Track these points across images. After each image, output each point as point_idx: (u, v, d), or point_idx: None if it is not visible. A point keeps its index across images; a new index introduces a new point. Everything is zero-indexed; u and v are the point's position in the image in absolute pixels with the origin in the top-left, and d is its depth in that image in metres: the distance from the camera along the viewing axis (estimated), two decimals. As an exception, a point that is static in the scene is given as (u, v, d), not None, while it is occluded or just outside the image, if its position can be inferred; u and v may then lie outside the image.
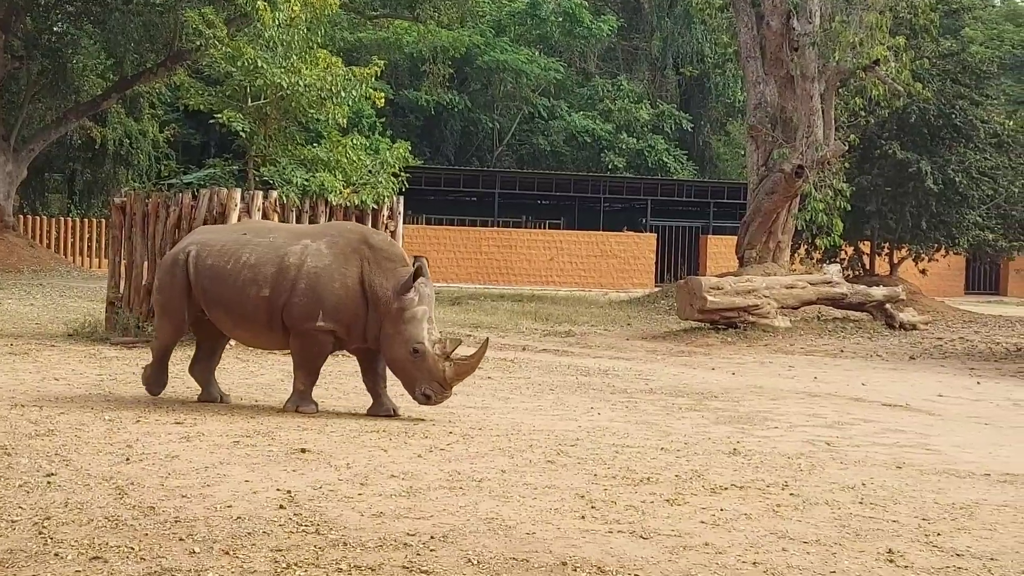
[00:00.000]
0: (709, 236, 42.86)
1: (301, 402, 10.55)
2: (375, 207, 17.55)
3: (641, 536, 6.46)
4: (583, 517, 6.81)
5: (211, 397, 11.08)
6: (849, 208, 28.30)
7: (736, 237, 28.18)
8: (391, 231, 18.21)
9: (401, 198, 18.27)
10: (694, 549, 6.25)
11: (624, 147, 47.66)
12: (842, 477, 8.41)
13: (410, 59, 44.34)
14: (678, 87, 53.44)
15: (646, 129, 48.63)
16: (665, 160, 48.19)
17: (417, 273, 10.24)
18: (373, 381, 10.64)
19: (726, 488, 7.79)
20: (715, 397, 13.27)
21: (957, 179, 29.91)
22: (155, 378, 11.20)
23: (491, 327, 21.99)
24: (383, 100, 19.15)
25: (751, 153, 27.52)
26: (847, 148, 27.55)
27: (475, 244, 40.74)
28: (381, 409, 10.52)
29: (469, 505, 6.99)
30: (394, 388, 10.67)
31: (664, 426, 10.78)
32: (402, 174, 18.32)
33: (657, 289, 35.82)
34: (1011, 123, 31.85)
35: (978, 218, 30.88)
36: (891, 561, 6.19)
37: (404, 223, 18.57)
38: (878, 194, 30.37)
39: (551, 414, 10.58)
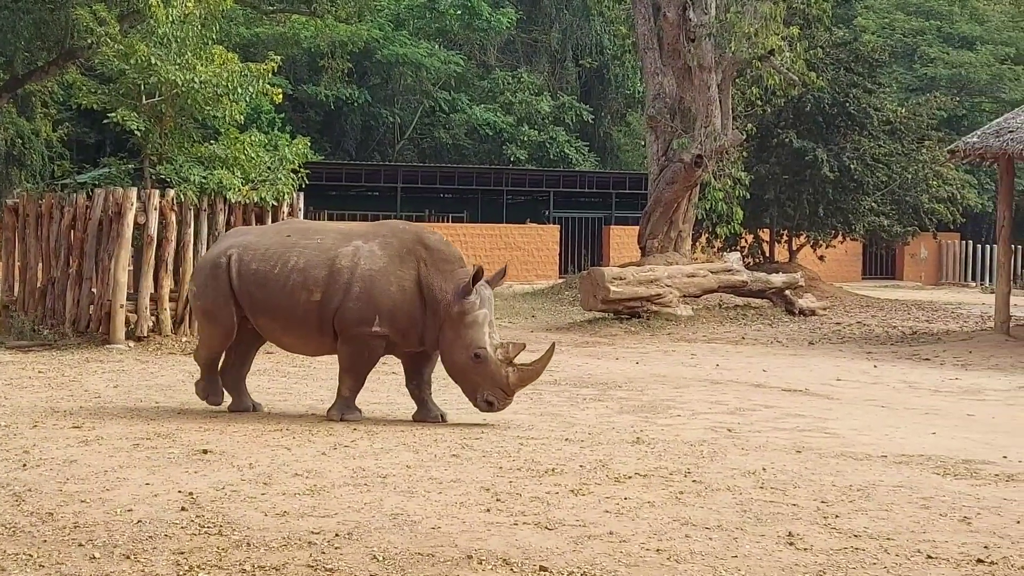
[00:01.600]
0: (612, 227, 43.10)
1: (346, 410, 10.21)
2: (275, 204, 17.42)
3: (546, 527, 6.49)
4: (488, 510, 6.83)
5: (243, 406, 10.66)
6: (748, 196, 28.67)
7: (638, 227, 28.36)
8: (292, 228, 18.07)
9: (301, 194, 18.15)
10: (598, 538, 6.29)
11: (526, 139, 47.73)
12: (743, 463, 8.52)
13: (308, 54, 43.93)
14: (578, 79, 53.63)
15: (547, 121, 48.74)
16: (567, 152, 48.35)
17: (478, 275, 9.93)
18: (419, 386, 10.37)
19: (630, 477, 7.86)
20: (619, 387, 13.38)
21: (852, 166, 30.41)
22: (211, 387, 10.72)
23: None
24: (281, 96, 19.00)
25: (651, 143, 27.71)
26: (745, 137, 27.87)
27: (378, 239, 40.58)
28: (429, 415, 10.25)
29: (374, 501, 6.97)
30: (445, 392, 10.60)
31: (568, 417, 10.85)
32: (302, 170, 18.20)
33: (561, 281, 35.96)
34: (903, 110, 32.45)
35: (873, 204, 31.42)
36: (791, 544, 6.29)
37: (305, 219, 18.44)
38: (776, 182, 30.78)
39: (455, 408, 10.58)
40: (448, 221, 44.15)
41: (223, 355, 10.78)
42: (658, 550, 6.11)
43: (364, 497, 7.08)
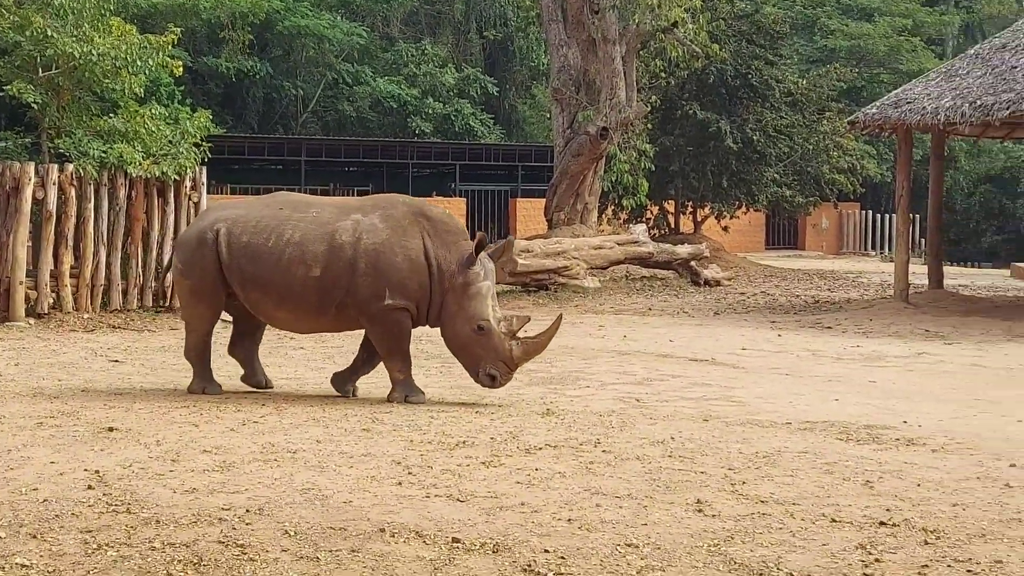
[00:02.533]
0: (518, 199, 43.15)
1: (408, 391, 9.94)
2: (177, 178, 17.19)
3: (458, 499, 6.50)
4: (400, 483, 6.83)
5: (256, 381, 10.46)
6: (653, 168, 28.87)
7: (544, 200, 28.44)
8: (194, 202, 17.88)
9: (204, 168, 17.94)
10: (510, 509, 6.32)
11: (431, 112, 47.57)
12: (652, 432, 8.61)
13: (208, 25, 43.29)
14: (482, 51, 53.55)
15: (452, 94, 48.60)
16: (472, 124, 48.27)
17: (480, 245, 9.74)
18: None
19: (540, 448, 7.90)
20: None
21: (755, 138, 30.75)
22: (207, 377, 10.40)
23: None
24: (181, 68, 18.73)
25: (556, 116, 27.77)
26: (649, 109, 28.05)
27: (283, 213, 40.26)
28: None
29: (284, 477, 6.93)
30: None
31: (478, 389, 10.85)
32: (204, 144, 17.98)
33: (468, 253, 35.94)
34: (804, 82, 32.88)
35: (776, 175, 31.82)
36: (700, 511, 6.37)
37: (208, 193, 18.25)
38: (681, 154, 31.03)
39: (366, 381, 10.55)
40: (354, 194, 43.87)
41: (232, 330, 10.57)
42: (569, 519, 6.15)
43: (274, 473, 7.04)
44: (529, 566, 5.42)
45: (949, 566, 5.49)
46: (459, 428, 8.63)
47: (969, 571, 5.43)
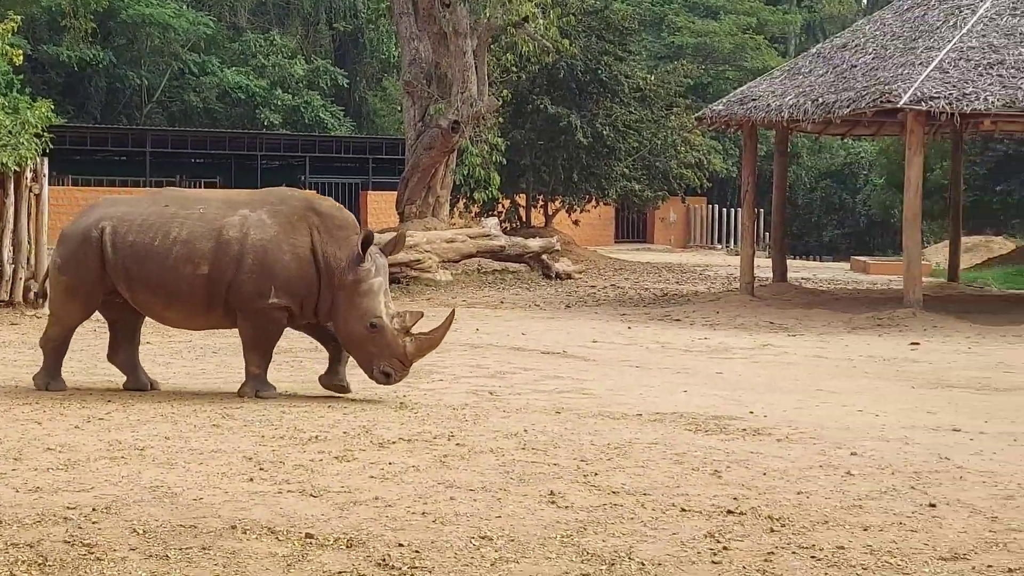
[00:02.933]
0: (369, 192, 42.93)
1: (260, 386, 9.76)
2: (17, 169, 16.71)
3: (311, 494, 6.45)
4: (251, 479, 6.75)
5: (140, 384, 10.09)
6: (505, 162, 28.98)
7: (396, 193, 28.34)
8: (36, 194, 17.42)
9: (45, 159, 17.47)
10: (364, 504, 6.30)
11: (280, 103, 47.05)
12: (505, 425, 8.65)
13: (48, 13, 42.17)
14: (332, 43, 53.14)
15: (301, 85, 48.14)
16: (322, 116, 47.88)
17: (367, 241, 9.53)
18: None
19: (394, 442, 7.88)
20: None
21: (605, 132, 31.07)
22: (54, 372, 10.07)
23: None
24: (21, 57, 18.20)
25: (408, 109, 27.68)
26: (501, 103, 28.14)
27: (128, 205, 39.46)
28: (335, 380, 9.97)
29: (132, 474, 6.80)
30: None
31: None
32: (45, 134, 17.50)
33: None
34: (652, 78, 33.34)
35: (625, 169, 32.20)
36: (553, 502, 6.43)
37: (50, 185, 17.79)
38: (532, 148, 31.21)
39: (214, 377, 10.41)
40: (201, 186, 43.16)
41: (110, 336, 10.28)
42: (424, 513, 6.15)
43: (121, 470, 6.89)
44: (384, 560, 5.41)
45: (794, 552, 5.63)
46: (311, 423, 8.56)
47: (813, 557, 5.57)
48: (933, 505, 6.51)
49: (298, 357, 12.58)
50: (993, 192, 33.27)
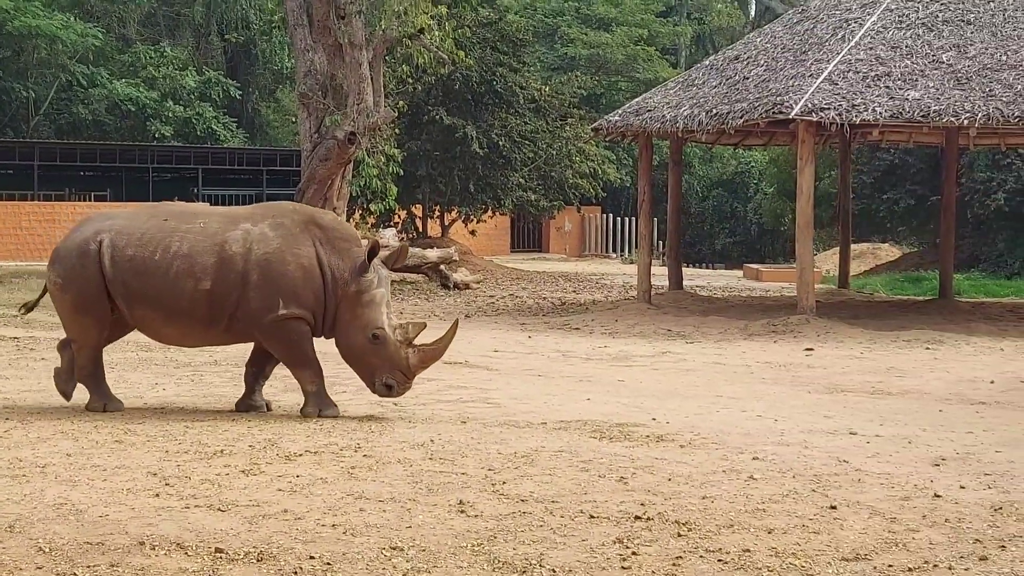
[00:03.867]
0: (263, 204, 42.58)
1: (322, 404, 9.57)
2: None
3: (219, 509, 6.41)
4: (158, 495, 6.68)
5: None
6: (401, 173, 28.95)
7: (292, 205, 28.12)
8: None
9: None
10: (273, 517, 6.27)
11: (171, 115, 46.44)
12: (412, 435, 8.66)
13: (-68, 24, 41.27)
14: (224, 54, 52.63)
15: (193, 97, 47.59)
16: (214, 128, 47.37)
17: (373, 251, 9.40)
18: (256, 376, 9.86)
19: (301, 455, 7.85)
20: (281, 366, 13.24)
21: (501, 143, 31.22)
22: (103, 390, 9.77)
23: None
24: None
25: (303, 120, 27.47)
26: (397, 115, 28.10)
27: (14, 219, 38.60)
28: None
29: (35, 492, 6.68)
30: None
31: (233, 398, 10.67)
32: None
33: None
34: (547, 88, 33.58)
35: (521, 180, 32.38)
36: (462, 512, 6.46)
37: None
38: (428, 159, 31.24)
39: (113, 391, 10.23)
40: (91, 200, 42.48)
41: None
42: (334, 525, 6.14)
43: (23, 488, 6.77)
44: (295, 573, 5.40)
45: (701, 556, 5.73)
46: (216, 437, 8.48)
47: (720, 560, 5.67)
48: (834, 507, 6.66)
49: (199, 371, 12.45)
50: (880, 200, 34.00)
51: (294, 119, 34.33)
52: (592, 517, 6.39)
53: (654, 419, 9.78)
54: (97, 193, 43.62)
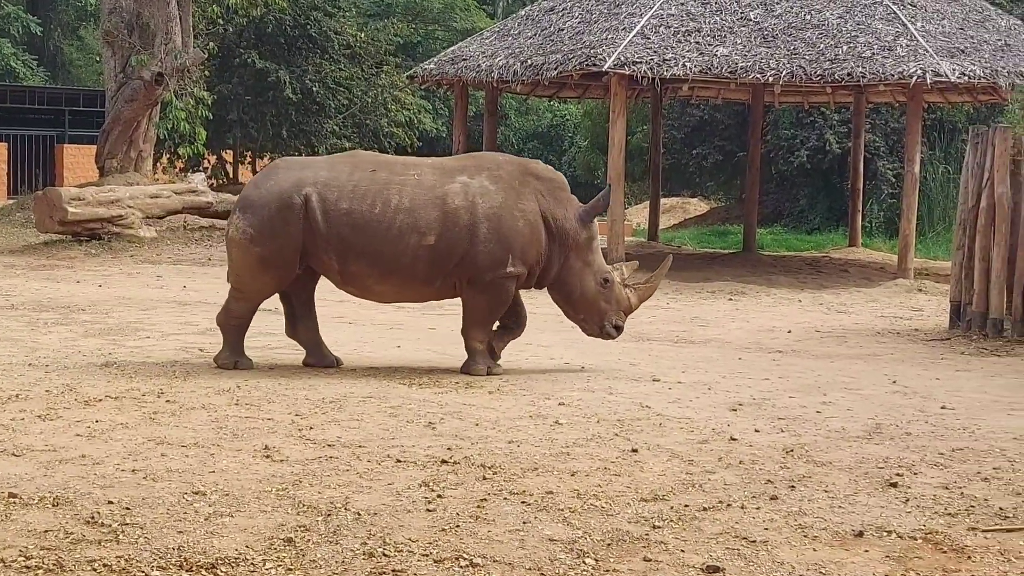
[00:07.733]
0: (65, 145, 41.17)
1: (488, 361, 9.41)
2: None
3: (13, 454, 6.24)
4: (-53, 441, 6.45)
5: (327, 362, 9.37)
6: (211, 117, 28.34)
7: (96, 147, 27.28)
8: None
9: None
10: (71, 462, 6.12)
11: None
12: (216, 382, 8.54)
13: None
14: (25, -12, 50.66)
15: (-9, 32, 45.76)
16: (13, 65, 45.57)
17: (607, 196, 9.68)
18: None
19: (100, 400, 7.68)
20: (82, 310, 12.92)
21: (314, 89, 30.85)
22: (239, 349, 9.38)
23: None
24: None
25: (108, 60, 26.65)
26: (207, 56, 27.49)
27: None
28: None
29: None
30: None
31: (30, 342, 10.38)
32: None
33: (11, 202, 34.02)
34: (363, 35, 33.25)
35: (335, 127, 32.08)
36: (268, 456, 6.41)
37: None
38: (239, 103, 30.68)
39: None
40: None
41: (285, 310, 9.62)
42: (134, 470, 6.03)
43: None
44: (93, 518, 5.28)
45: (505, 498, 5.80)
46: (12, 382, 8.23)
47: (523, 502, 5.75)
48: (636, 450, 6.82)
49: (-6, 315, 12.04)
50: (689, 156, 34.65)
51: (99, 58, 33.25)
52: (399, 461, 6.41)
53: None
54: None
